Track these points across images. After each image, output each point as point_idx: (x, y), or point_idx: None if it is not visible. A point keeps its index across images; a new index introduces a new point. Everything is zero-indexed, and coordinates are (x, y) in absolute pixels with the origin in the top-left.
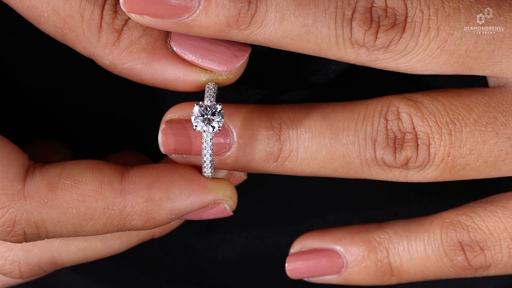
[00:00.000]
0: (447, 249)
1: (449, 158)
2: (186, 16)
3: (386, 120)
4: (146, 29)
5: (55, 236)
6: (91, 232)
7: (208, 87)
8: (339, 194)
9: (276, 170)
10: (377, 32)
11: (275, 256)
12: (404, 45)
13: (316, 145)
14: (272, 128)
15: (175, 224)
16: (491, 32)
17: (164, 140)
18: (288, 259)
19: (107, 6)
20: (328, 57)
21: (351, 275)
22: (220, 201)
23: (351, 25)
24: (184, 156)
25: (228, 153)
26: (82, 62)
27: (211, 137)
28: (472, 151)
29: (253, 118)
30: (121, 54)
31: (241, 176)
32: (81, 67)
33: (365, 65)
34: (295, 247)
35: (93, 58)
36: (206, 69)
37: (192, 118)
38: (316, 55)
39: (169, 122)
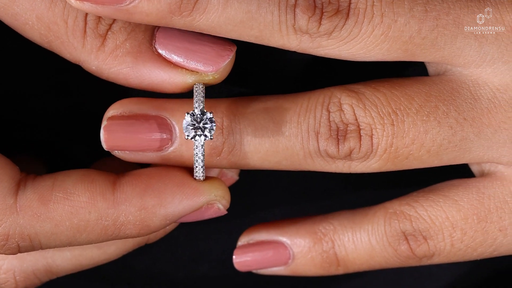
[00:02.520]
0: (390, 239)
1: (392, 148)
2: (127, 2)
3: (329, 111)
4: (130, 32)
5: (49, 247)
6: (85, 242)
7: (196, 90)
8: (293, 184)
9: (220, 164)
10: (320, 18)
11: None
12: (348, 31)
13: (259, 139)
14: (215, 122)
15: (170, 228)
16: (434, 19)
17: (107, 137)
18: (235, 252)
19: None
20: (269, 45)
21: (298, 266)
22: (213, 202)
23: (294, 11)
24: (127, 152)
25: (171, 148)
26: (61, 66)
27: (202, 143)
28: (414, 141)
29: None
30: (106, 59)
31: (233, 176)
32: (60, 70)
33: (306, 53)
34: (242, 240)
35: (80, 64)
36: (192, 70)
37: (184, 127)
38: (257, 42)
39: (111, 118)
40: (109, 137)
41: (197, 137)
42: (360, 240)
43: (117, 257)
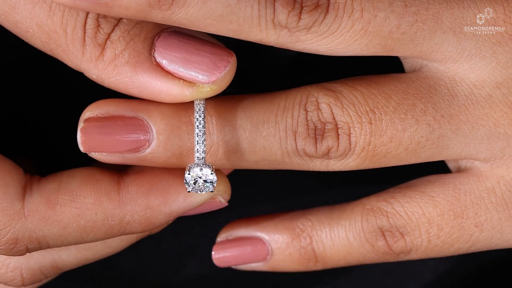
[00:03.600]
0: (368, 235)
1: (370, 146)
2: None
3: (306, 111)
4: (129, 42)
5: (57, 246)
6: (92, 241)
7: (196, 117)
8: (277, 181)
9: None
10: (300, 13)
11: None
12: (328, 26)
13: (237, 139)
14: (192, 123)
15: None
16: (414, 14)
17: (84, 139)
18: (214, 247)
19: (89, 20)
20: (247, 39)
21: (276, 262)
22: (216, 196)
23: (274, 5)
24: (104, 154)
25: (148, 150)
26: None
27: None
28: (392, 139)
29: (173, 114)
30: (106, 68)
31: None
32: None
33: (284, 47)
34: (222, 236)
35: (82, 72)
36: (190, 82)
37: (185, 182)
38: (235, 36)
39: (88, 120)
40: (86, 139)
41: (198, 192)
42: (338, 236)
43: (121, 249)
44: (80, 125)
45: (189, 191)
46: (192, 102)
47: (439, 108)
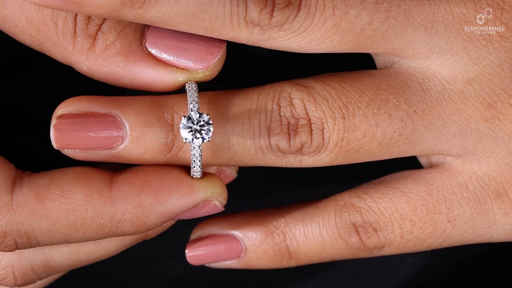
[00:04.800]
0: (341, 231)
1: (343, 142)
2: None
3: (279, 106)
4: (120, 32)
5: (46, 244)
6: (82, 239)
7: (189, 90)
8: (258, 179)
9: (170, 161)
10: (272, 10)
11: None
12: (300, 23)
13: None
14: (165, 119)
15: (168, 224)
16: (385, 11)
17: (57, 136)
18: (188, 246)
19: None
20: (219, 37)
21: (250, 259)
22: (210, 199)
23: (246, 3)
24: (77, 151)
25: (122, 146)
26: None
27: (199, 144)
28: (366, 134)
29: (145, 109)
30: (97, 59)
31: (232, 174)
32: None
33: (256, 45)
34: (195, 234)
35: (71, 65)
36: (182, 68)
37: (180, 130)
38: (207, 34)
39: (61, 117)
40: (59, 136)
41: (194, 140)
42: (311, 232)
43: (115, 253)
44: (53, 121)
45: (185, 140)
46: (165, 99)
47: (412, 104)
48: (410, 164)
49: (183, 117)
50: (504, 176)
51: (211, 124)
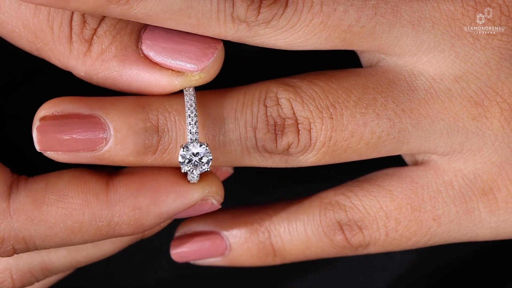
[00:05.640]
0: (326, 229)
1: (331, 142)
2: None
3: (266, 106)
4: (115, 36)
5: (44, 248)
6: (80, 242)
7: (187, 102)
8: (245, 177)
9: (155, 163)
10: (259, 6)
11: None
12: (287, 20)
13: None
14: (150, 120)
15: (166, 222)
16: (373, 7)
17: (40, 138)
18: (172, 243)
19: (75, 17)
20: (205, 34)
21: (235, 257)
22: (207, 198)
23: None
24: (60, 153)
25: (106, 148)
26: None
27: (197, 174)
28: (353, 134)
29: (130, 111)
30: (94, 64)
31: (228, 170)
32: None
33: (242, 42)
34: (180, 231)
35: (70, 70)
36: (178, 71)
37: (179, 161)
38: (193, 31)
39: (43, 119)
40: (42, 138)
41: (193, 171)
42: (296, 230)
43: (112, 253)
44: (36, 123)
45: (184, 172)
46: (150, 100)
47: (400, 102)
48: (396, 160)
49: (181, 149)
50: (490, 174)
51: (210, 153)
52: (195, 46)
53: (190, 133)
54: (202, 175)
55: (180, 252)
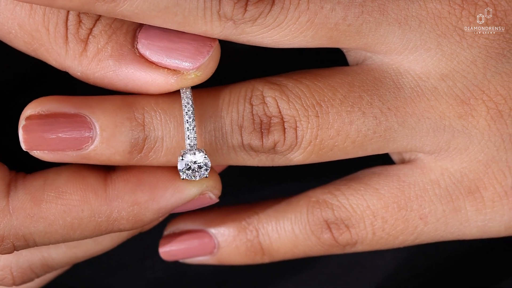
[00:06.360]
0: (313, 228)
1: (317, 140)
2: None
3: (251, 105)
4: (111, 35)
5: (44, 244)
6: (80, 238)
7: (184, 104)
8: (229, 178)
9: (141, 162)
10: (246, 4)
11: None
12: (274, 18)
13: (182, 134)
14: (136, 119)
15: (163, 217)
16: (360, 5)
17: (26, 137)
18: (161, 242)
19: (70, 17)
20: (192, 32)
21: (223, 255)
22: (205, 192)
23: None
24: (46, 152)
25: (91, 147)
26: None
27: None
28: (339, 132)
29: (116, 109)
30: (90, 64)
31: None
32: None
33: (228, 40)
34: (168, 230)
35: (67, 71)
36: (174, 70)
37: (178, 168)
38: (179, 29)
39: (29, 118)
40: (28, 137)
41: (192, 178)
42: (284, 229)
43: (112, 247)
44: (22, 123)
45: (183, 179)
46: (136, 98)
47: (386, 101)
48: (383, 158)
49: (179, 158)
50: (476, 173)
51: (208, 160)
52: (190, 45)
53: (189, 138)
54: None
55: (168, 251)
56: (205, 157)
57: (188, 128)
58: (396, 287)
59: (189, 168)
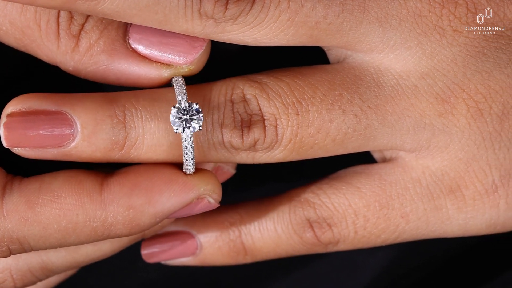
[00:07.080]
0: (295, 227)
1: (297, 138)
2: None
3: (232, 102)
4: (103, 30)
5: (40, 249)
6: (76, 243)
7: (176, 84)
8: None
9: (122, 159)
10: (227, 3)
11: None
12: (254, 16)
13: (163, 131)
14: (116, 116)
15: (166, 222)
16: (340, 4)
17: (7, 135)
18: (143, 244)
19: (62, 13)
20: (173, 30)
21: (206, 256)
22: (203, 196)
23: None
24: (27, 149)
25: (73, 144)
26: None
27: (191, 135)
28: (319, 130)
29: (97, 107)
30: (82, 59)
31: (229, 170)
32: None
33: (209, 38)
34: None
35: (58, 65)
36: (167, 64)
37: (171, 120)
38: (160, 27)
39: (11, 115)
40: (9, 134)
41: (185, 130)
42: (266, 228)
43: (113, 253)
44: (3, 120)
45: (176, 131)
46: (117, 95)
47: (366, 99)
48: (365, 157)
49: (172, 108)
50: (457, 171)
51: (201, 112)
52: (183, 40)
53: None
54: (199, 172)
55: (150, 253)
56: (197, 105)
57: (180, 101)
58: (388, 285)
59: (180, 118)
